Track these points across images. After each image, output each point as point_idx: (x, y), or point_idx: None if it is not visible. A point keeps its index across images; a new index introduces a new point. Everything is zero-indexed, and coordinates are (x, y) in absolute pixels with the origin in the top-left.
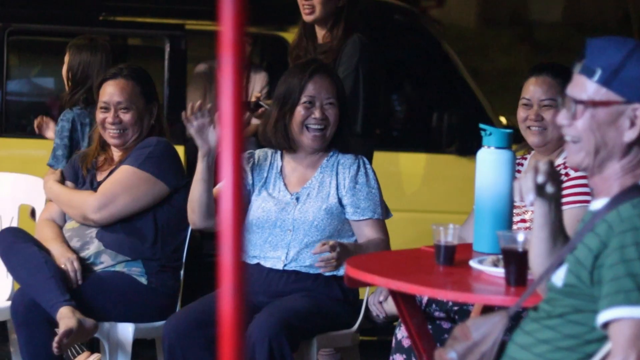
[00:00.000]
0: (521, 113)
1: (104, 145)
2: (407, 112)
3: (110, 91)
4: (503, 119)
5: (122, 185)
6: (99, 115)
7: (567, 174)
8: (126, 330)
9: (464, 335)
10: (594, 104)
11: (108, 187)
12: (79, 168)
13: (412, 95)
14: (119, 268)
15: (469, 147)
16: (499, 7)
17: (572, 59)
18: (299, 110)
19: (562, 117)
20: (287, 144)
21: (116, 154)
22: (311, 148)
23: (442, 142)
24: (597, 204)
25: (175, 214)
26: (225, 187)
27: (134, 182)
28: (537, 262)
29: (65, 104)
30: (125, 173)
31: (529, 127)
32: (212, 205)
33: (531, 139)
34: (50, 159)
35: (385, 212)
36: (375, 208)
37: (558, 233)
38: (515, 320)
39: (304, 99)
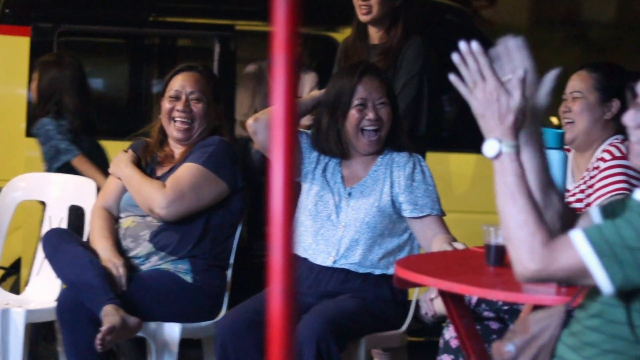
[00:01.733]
0: (561, 109)
1: (162, 142)
2: (458, 113)
3: (183, 81)
4: (554, 120)
5: (189, 183)
6: (166, 106)
7: (597, 167)
8: (173, 330)
9: (524, 329)
10: None
11: (175, 183)
12: (137, 158)
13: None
14: (164, 266)
15: None
16: (552, 6)
17: (625, 59)
18: (353, 114)
19: (630, 119)
20: (341, 151)
21: (177, 150)
22: (367, 152)
23: (452, 142)
24: None
25: (230, 216)
26: (275, 187)
27: (200, 181)
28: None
29: (37, 115)
30: (191, 170)
31: (565, 123)
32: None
33: (566, 136)
34: (64, 155)
35: (442, 210)
36: (433, 205)
37: (548, 183)
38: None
39: (356, 101)
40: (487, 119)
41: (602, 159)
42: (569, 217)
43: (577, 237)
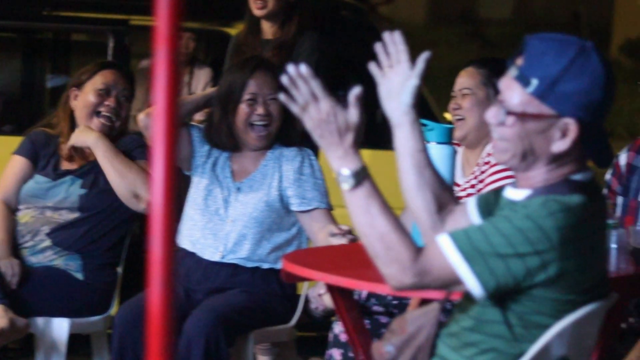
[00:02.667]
0: (450, 106)
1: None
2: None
3: (114, 78)
4: (448, 116)
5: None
6: (90, 100)
7: (488, 162)
8: (61, 326)
9: (401, 329)
10: (524, 115)
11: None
12: (41, 147)
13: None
14: (56, 262)
15: None
16: (449, 4)
17: None
18: (242, 108)
19: (492, 116)
20: (231, 145)
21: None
22: (256, 147)
23: (385, 139)
24: (517, 193)
25: (125, 214)
26: (156, 180)
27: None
28: (407, 197)
29: None
30: (143, 165)
31: (456, 120)
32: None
33: (455, 133)
34: None
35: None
36: (322, 198)
37: (424, 163)
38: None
39: (246, 96)
40: (326, 138)
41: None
42: (446, 199)
43: (446, 244)
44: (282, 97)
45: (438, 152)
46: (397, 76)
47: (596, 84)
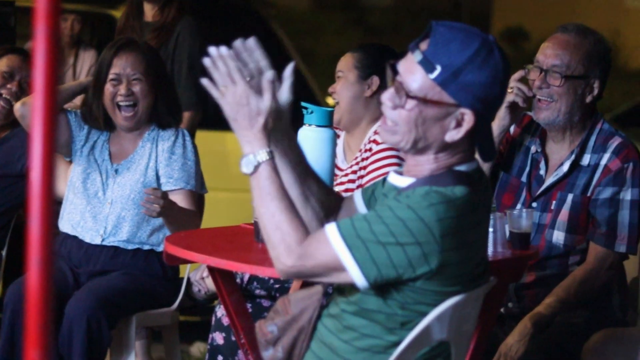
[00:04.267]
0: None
1: None
2: None
3: (19, 63)
4: (330, 100)
5: None
6: None
7: (370, 149)
8: None
9: (284, 310)
10: (425, 101)
11: None
12: None
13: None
14: None
15: (295, 127)
16: None
17: (403, 42)
18: (107, 88)
19: (388, 98)
20: (104, 125)
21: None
22: (125, 127)
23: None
24: (401, 180)
25: (14, 199)
26: (34, 163)
27: None
28: (298, 207)
29: None
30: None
31: (335, 104)
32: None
33: (334, 117)
34: None
35: (200, 186)
36: (188, 179)
37: (306, 175)
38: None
39: (111, 75)
40: (238, 122)
41: (375, 141)
42: (333, 202)
43: (331, 232)
44: (204, 81)
45: (318, 135)
46: (234, 97)
47: (496, 79)
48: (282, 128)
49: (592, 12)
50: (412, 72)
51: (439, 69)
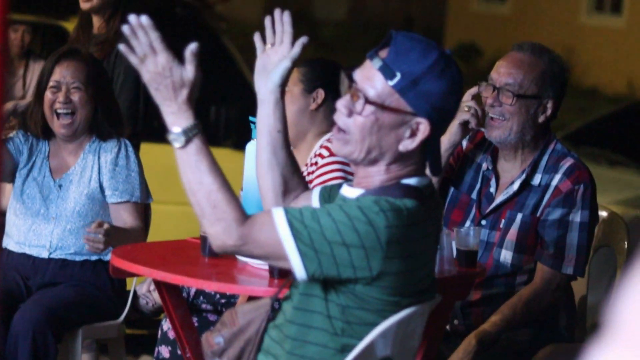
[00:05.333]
0: None
1: None
2: None
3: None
4: None
5: None
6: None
7: (316, 163)
8: None
9: (232, 321)
10: (383, 107)
11: None
12: None
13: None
14: None
15: (245, 142)
16: (284, 4)
17: (356, 56)
18: (47, 95)
19: (343, 105)
20: (42, 133)
21: None
22: (63, 135)
23: (219, 136)
24: (351, 191)
25: None
26: None
27: None
28: (258, 173)
29: None
30: None
31: None
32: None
33: None
34: None
35: (146, 197)
36: (133, 191)
37: (280, 144)
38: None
39: (51, 83)
40: (161, 91)
41: (321, 155)
42: (295, 184)
43: (278, 216)
44: (121, 47)
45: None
46: (275, 55)
47: (452, 90)
48: (271, 89)
49: (546, 28)
50: (370, 78)
51: (398, 75)
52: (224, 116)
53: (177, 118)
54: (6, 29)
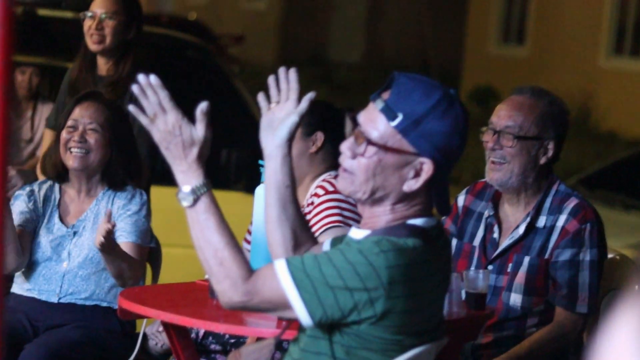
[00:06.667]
0: None
1: None
2: None
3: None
4: None
5: None
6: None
7: (312, 203)
8: None
9: None
10: (385, 148)
11: None
12: None
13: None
14: None
15: (256, 185)
16: (299, 47)
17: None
18: (63, 134)
19: (347, 147)
20: (56, 173)
21: None
22: (75, 170)
23: (230, 179)
24: (358, 233)
25: None
26: None
27: None
28: (268, 228)
29: None
30: None
31: None
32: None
33: None
34: None
35: (150, 240)
36: (139, 234)
37: (289, 199)
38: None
39: (68, 122)
40: (171, 150)
41: (316, 195)
42: (305, 238)
43: (280, 268)
44: (131, 107)
45: (259, 193)
46: (280, 112)
47: (456, 130)
48: (279, 144)
49: (565, 72)
50: (373, 120)
51: (400, 116)
52: (234, 159)
53: (186, 177)
54: (10, 71)
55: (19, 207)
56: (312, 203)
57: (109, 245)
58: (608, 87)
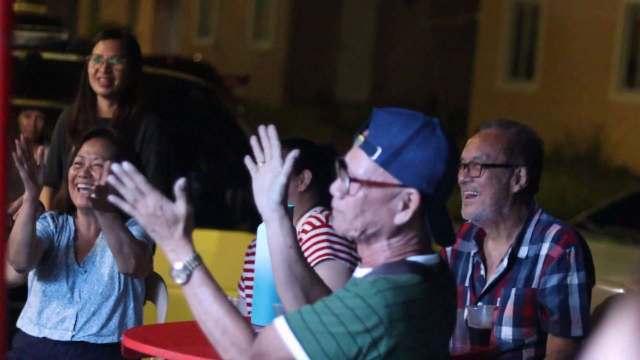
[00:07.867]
0: None
1: None
2: (200, 189)
3: None
4: None
5: None
6: None
7: (301, 239)
8: None
9: None
10: (369, 184)
11: None
12: None
13: (206, 172)
14: None
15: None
16: (305, 86)
17: None
18: (70, 171)
19: (335, 188)
20: (66, 208)
21: None
22: (81, 206)
23: (234, 220)
24: (360, 272)
25: None
26: None
27: None
28: (278, 290)
29: None
30: None
31: None
32: (37, 245)
33: None
34: None
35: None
36: (143, 234)
37: (294, 259)
38: None
39: (76, 159)
40: (157, 232)
41: (304, 231)
42: (317, 292)
43: (281, 327)
44: (111, 198)
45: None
46: (268, 172)
47: (439, 157)
48: (274, 207)
49: (575, 106)
50: (356, 158)
51: (379, 150)
52: (239, 200)
53: (177, 254)
54: (9, 114)
55: (42, 223)
56: (300, 239)
57: (100, 202)
58: (619, 121)
